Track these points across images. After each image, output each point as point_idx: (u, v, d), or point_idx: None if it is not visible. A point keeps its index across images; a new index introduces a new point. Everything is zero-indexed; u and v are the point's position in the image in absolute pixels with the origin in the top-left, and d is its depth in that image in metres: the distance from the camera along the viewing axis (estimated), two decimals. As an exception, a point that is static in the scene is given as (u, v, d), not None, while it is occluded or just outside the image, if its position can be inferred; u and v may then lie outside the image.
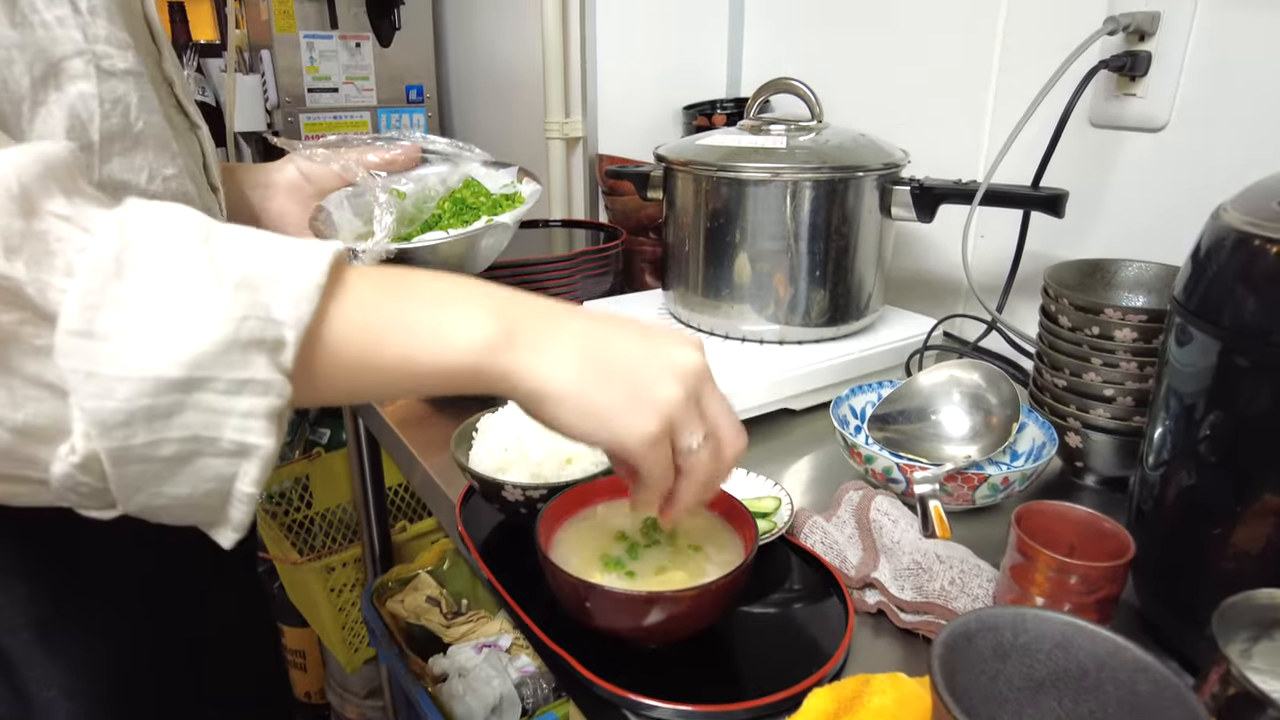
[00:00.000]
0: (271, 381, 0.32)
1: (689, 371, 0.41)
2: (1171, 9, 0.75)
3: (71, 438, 0.31)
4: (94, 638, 0.54)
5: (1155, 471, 0.49)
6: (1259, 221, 0.42)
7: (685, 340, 0.43)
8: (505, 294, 0.39)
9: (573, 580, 0.44)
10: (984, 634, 0.38)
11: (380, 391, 0.38)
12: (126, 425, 0.31)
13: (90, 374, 0.30)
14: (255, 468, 0.33)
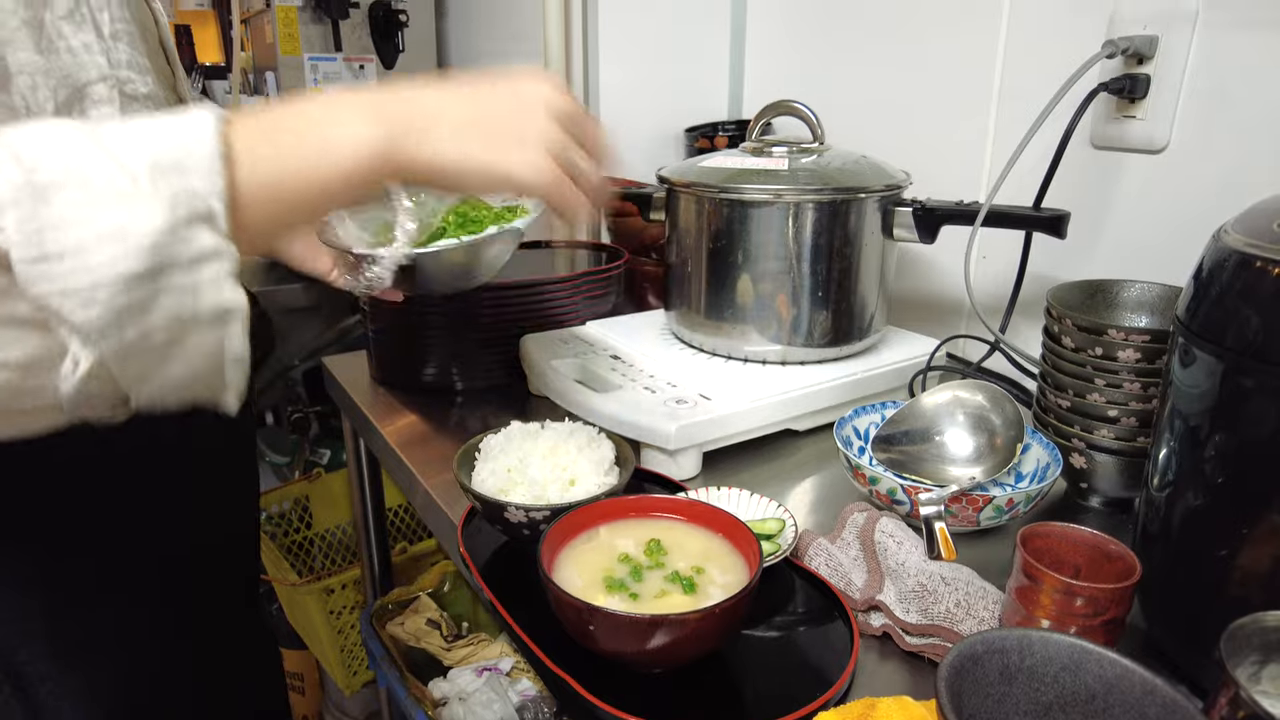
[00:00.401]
0: (219, 247, 0.36)
1: (547, 102, 0.48)
2: (1169, 33, 0.76)
3: (68, 356, 0.34)
4: (102, 671, 0.54)
5: (1160, 493, 0.49)
6: (1260, 243, 0.42)
7: (532, 76, 0.49)
8: (372, 96, 0.44)
9: (576, 603, 0.44)
10: (990, 656, 0.38)
11: (299, 217, 0.42)
12: (117, 325, 0.34)
13: (65, 291, 0.32)
14: (237, 326, 0.37)
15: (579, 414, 0.75)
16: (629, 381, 0.78)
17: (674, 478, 0.69)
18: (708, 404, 0.73)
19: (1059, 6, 0.85)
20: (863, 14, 1.05)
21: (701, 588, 0.48)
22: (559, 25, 1.17)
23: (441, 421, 0.86)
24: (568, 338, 0.90)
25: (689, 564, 0.50)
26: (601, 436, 0.63)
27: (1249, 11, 0.71)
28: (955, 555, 0.54)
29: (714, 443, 0.73)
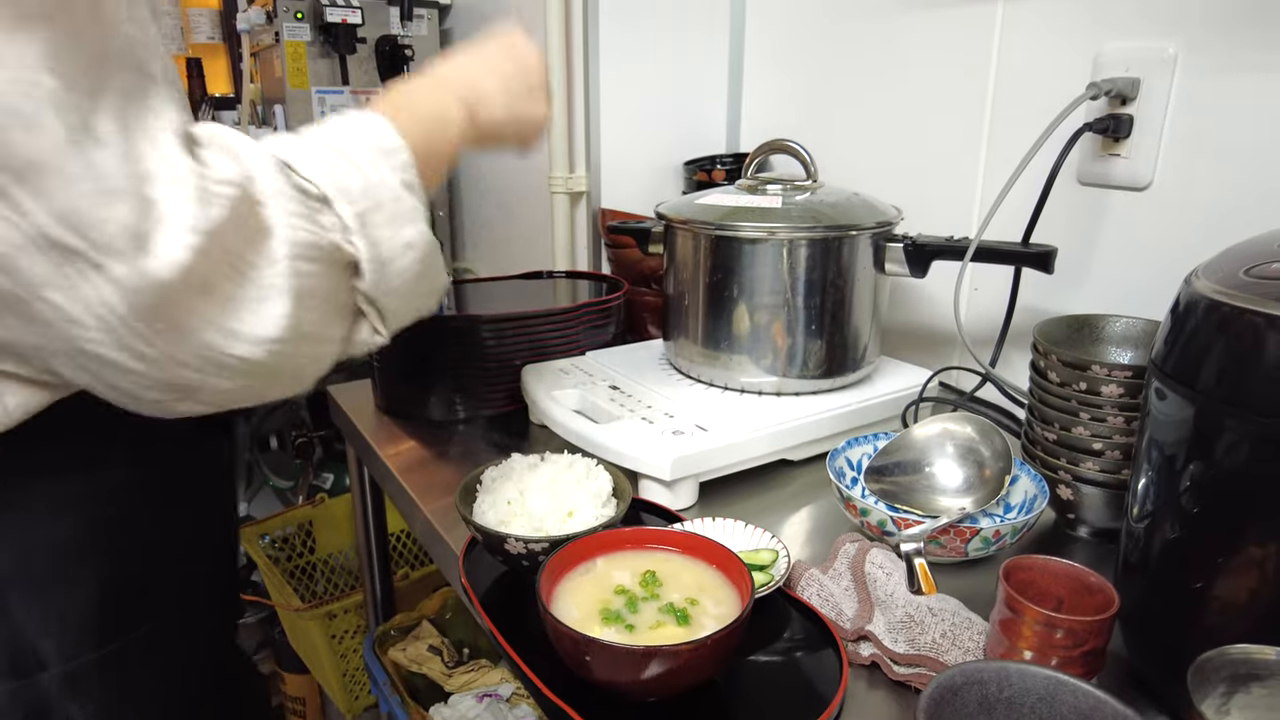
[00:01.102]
0: (419, 205, 0.51)
1: (533, 54, 0.64)
2: (1151, 75, 0.78)
3: (371, 329, 0.51)
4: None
5: (1139, 524, 0.50)
6: (1227, 290, 0.44)
7: (514, 34, 0.64)
8: (448, 76, 0.59)
9: (572, 634, 0.45)
10: (969, 688, 0.39)
11: (431, 185, 0.55)
12: (411, 301, 0.52)
13: (387, 291, 0.49)
14: (439, 251, 0.54)
15: (578, 444, 0.76)
16: (627, 412, 0.79)
17: (671, 508, 0.71)
18: (704, 435, 0.74)
19: (1045, 48, 0.87)
20: (857, 53, 1.08)
21: (695, 619, 0.50)
22: (561, 61, 1.20)
23: (444, 450, 0.88)
24: (568, 368, 0.92)
25: (683, 595, 0.51)
26: (599, 468, 0.65)
27: (1225, 57, 0.74)
28: (935, 590, 0.55)
29: (710, 473, 0.75)
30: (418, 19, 1.46)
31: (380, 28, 1.45)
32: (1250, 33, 0.72)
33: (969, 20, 0.94)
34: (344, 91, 1.44)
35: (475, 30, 1.50)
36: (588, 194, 1.23)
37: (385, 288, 0.49)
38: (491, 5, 1.44)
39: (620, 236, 1.01)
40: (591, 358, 0.96)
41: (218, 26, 1.86)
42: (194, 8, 1.83)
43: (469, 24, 1.53)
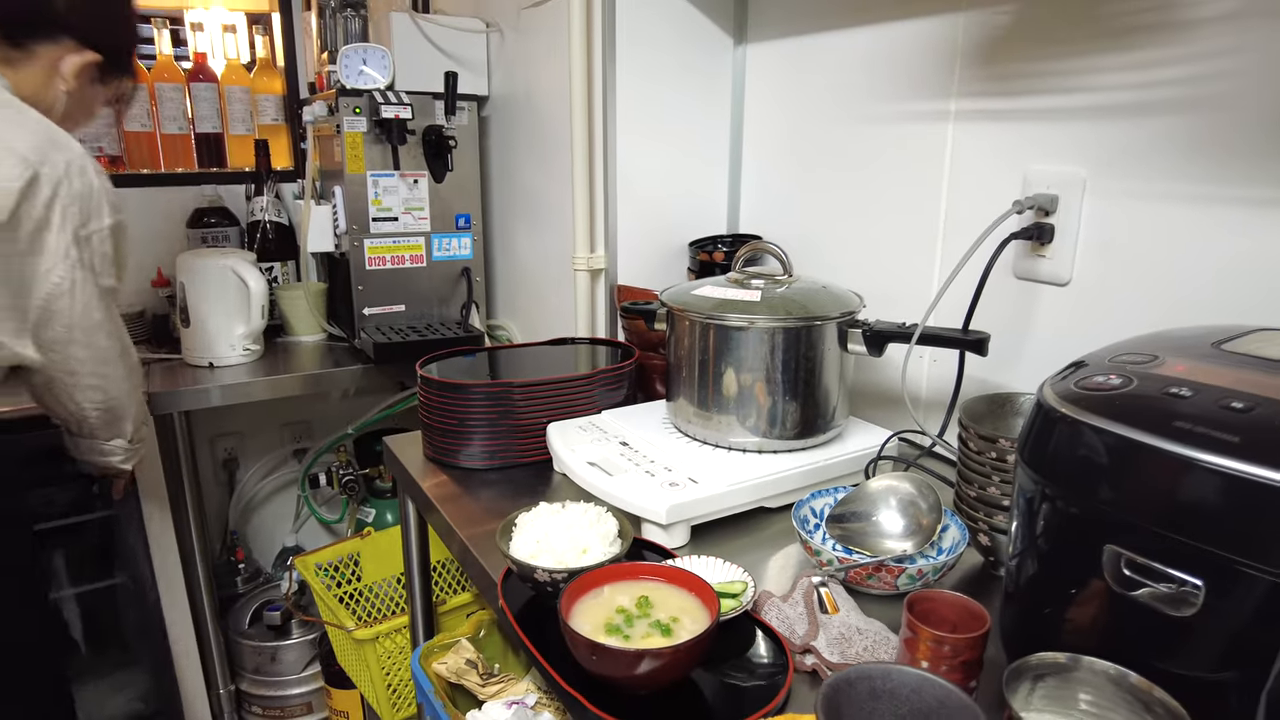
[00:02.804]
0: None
1: None
2: (1066, 194, 0.95)
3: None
4: None
5: (1013, 561, 0.67)
6: (1059, 399, 0.60)
7: None
8: None
9: (584, 641, 0.63)
10: (861, 681, 0.56)
11: None
12: None
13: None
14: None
15: (592, 492, 0.94)
16: (633, 466, 0.97)
17: (667, 546, 0.88)
18: (695, 486, 0.91)
19: (987, 162, 1.04)
20: (834, 156, 1.26)
21: (676, 633, 0.66)
22: (584, 155, 1.40)
23: (480, 492, 1.05)
24: (586, 426, 1.10)
25: (668, 615, 0.68)
26: (608, 515, 0.82)
27: (1122, 183, 0.91)
28: (838, 611, 0.72)
29: (700, 518, 0.92)
30: (460, 111, 1.67)
31: (427, 118, 1.66)
32: (1142, 164, 0.89)
33: (926, 135, 1.11)
34: (395, 175, 1.64)
35: (510, 119, 1.71)
36: (605, 271, 1.42)
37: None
38: (524, 98, 1.64)
39: (631, 319, 1.19)
40: (607, 416, 1.14)
41: (281, 109, 2.09)
42: (262, 94, 2.06)
43: (505, 114, 1.74)
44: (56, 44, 1.09)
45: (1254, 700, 0.51)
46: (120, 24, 1.18)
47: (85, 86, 1.14)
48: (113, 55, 1.16)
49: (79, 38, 1.11)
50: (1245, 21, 0.78)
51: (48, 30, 1.08)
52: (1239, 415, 0.52)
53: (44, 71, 1.10)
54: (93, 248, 1.04)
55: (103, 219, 1.04)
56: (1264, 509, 0.48)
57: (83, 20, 1.11)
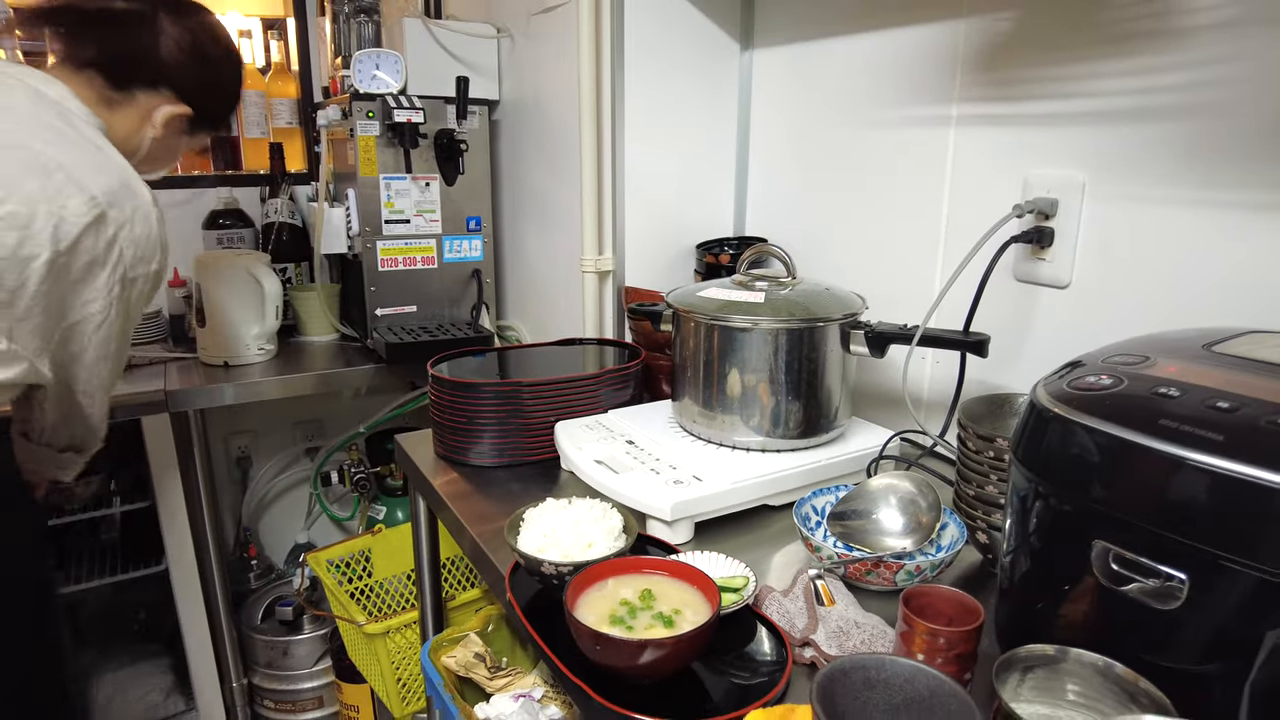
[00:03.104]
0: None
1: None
2: (1066, 197, 0.97)
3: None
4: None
5: (1007, 558, 0.68)
6: (1052, 399, 0.62)
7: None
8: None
9: (589, 632, 0.65)
10: (856, 671, 0.57)
11: None
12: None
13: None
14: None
15: (599, 489, 0.96)
16: (639, 464, 0.99)
17: (671, 542, 0.90)
18: (699, 484, 0.93)
19: (988, 166, 1.06)
20: (839, 159, 1.28)
21: (678, 625, 0.68)
22: (592, 158, 1.42)
23: (489, 489, 1.07)
24: (593, 424, 1.12)
25: (670, 608, 0.70)
26: (613, 511, 0.84)
27: (1121, 188, 0.92)
28: (835, 603, 0.73)
29: (703, 515, 0.94)
30: (471, 115, 1.70)
31: (439, 122, 1.69)
32: (1141, 169, 0.90)
33: (928, 139, 1.13)
34: (407, 178, 1.67)
35: (520, 122, 1.73)
36: (613, 273, 1.44)
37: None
38: (533, 102, 1.67)
39: (638, 321, 1.21)
40: (613, 415, 1.16)
41: (295, 113, 2.12)
42: (276, 98, 2.09)
43: (515, 118, 1.77)
44: (155, 92, 1.14)
45: (1238, 691, 0.52)
46: (219, 87, 1.23)
47: (173, 135, 1.19)
48: (206, 112, 1.20)
49: (177, 90, 1.15)
50: (1242, 29, 0.80)
51: (150, 78, 1.13)
52: (1224, 415, 0.53)
53: (138, 116, 1.13)
54: (136, 289, 1.07)
55: (150, 264, 1.07)
56: (1246, 505, 0.49)
57: (184, 76, 1.15)
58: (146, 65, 1.12)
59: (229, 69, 1.23)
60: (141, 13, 1.12)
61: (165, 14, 1.14)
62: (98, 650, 1.97)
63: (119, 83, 1.11)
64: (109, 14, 1.11)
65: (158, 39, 1.12)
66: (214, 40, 1.19)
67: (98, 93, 1.10)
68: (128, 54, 1.11)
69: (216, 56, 1.19)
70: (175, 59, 1.14)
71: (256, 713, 2.02)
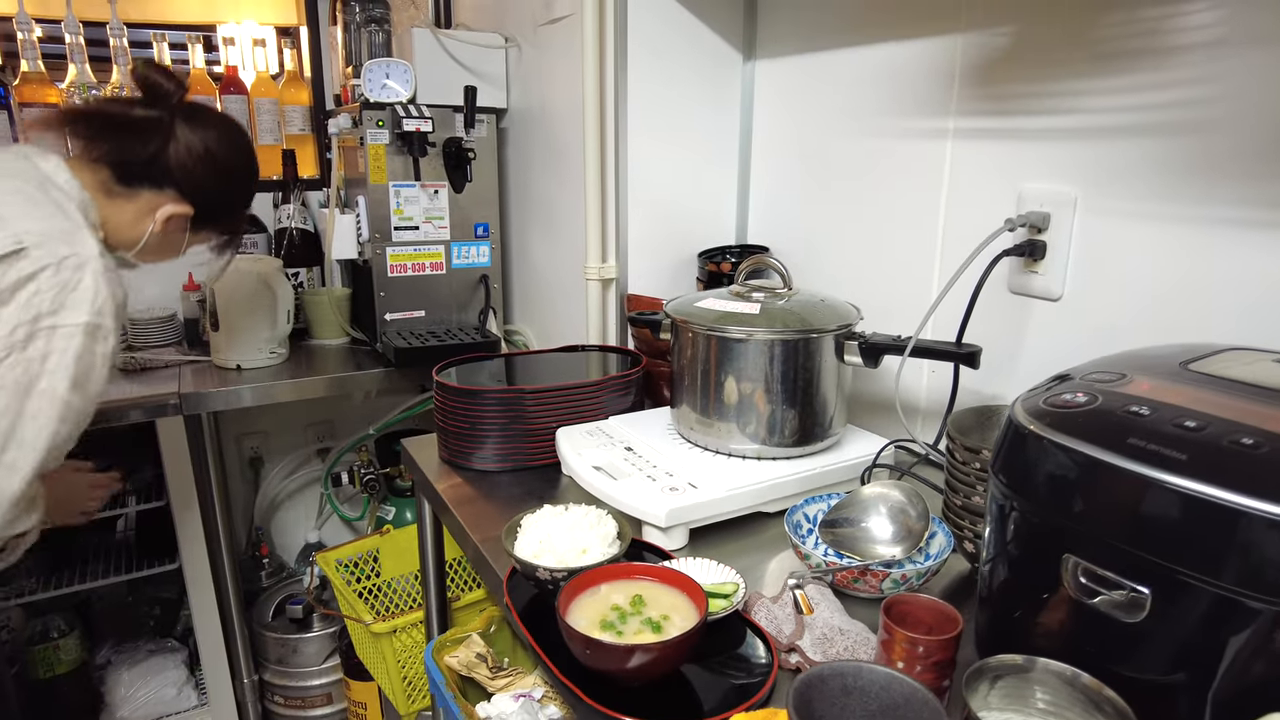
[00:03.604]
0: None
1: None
2: (1058, 212, 0.98)
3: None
4: None
5: (986, 567, 0.70)
6: (1028, 416, 0.64)
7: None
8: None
9: (579, 636, 0.67)
10: (834, 677, 0.60)
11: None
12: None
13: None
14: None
15: (596, 495, 0.98)
16: (636, 470, 1.01)
17: (666, 548, 0.92)
18: (694, 491, 0.96)
19: (984, 178, 1.08)
20: (838, 169, 1.30)
21: (666, 630, 0.71)
22: (596, 167, 1.44)
23: (491, 493, 1.10)
24: (593, 431, 1.14)
25: (659, 613, 0.72)
26: (608, 517, 0.86)
27: (1113, 202, 0.94)
28: (812, 612, 0.75)
29: (698, 522, 0.96)
30: (479, 124, 1.73)
31: (447, 130, 1.72)
32: (1132, 184, 0.91)
33: (926, 152, 1.15)
34: (416, 185, 1.70)
35: (527, 131, 1.76)
36: (616, 280, 1.46)
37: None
38: (539, 110, 1.69)
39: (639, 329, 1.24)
40: (614, 421, 1.18)
41: (308, 120, 2.16)
42: (289, 105, 2.13)
43: (522, 126, 1.79)
44: (160, 191, 1.16)
45: (1202, 701, 0.54)
46: (225, 193, 1.25)
47: (174, 233, 1.21)
48: (209, 214, 1.23)
49: (181, 191, 1.17)
50: (1231, 48, 0.81)
51: (156, 179, 1.15)
52: (1190, 434, 0.55)
53: (140, 211, 1.16)
54: (55, 341, 0.99)
55: (78, 316, 1.00)
56: (1207, 523, 0.51)
57: (190, 179, 1.17)
58: (154, 168, 1.15)
59: (238, 176, 1.25)
60: (159, 120, 1.14)
61: (182, 121, 1.16)
62: (112, 646, 2.02)
63: (125, 180, 1.14)
64: (126, 122, 1.14)
65: (168, 144, 1.15)
66: (227, 148, 1.20)
67: (101, 183, 1.13)
68: (137, 158, 1.14)
69: (226, 163, 1.21)
70: (183, 163, 1.16)
71: (267, 708, 2.06)
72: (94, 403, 1.06)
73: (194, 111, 1.18)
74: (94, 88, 1.89)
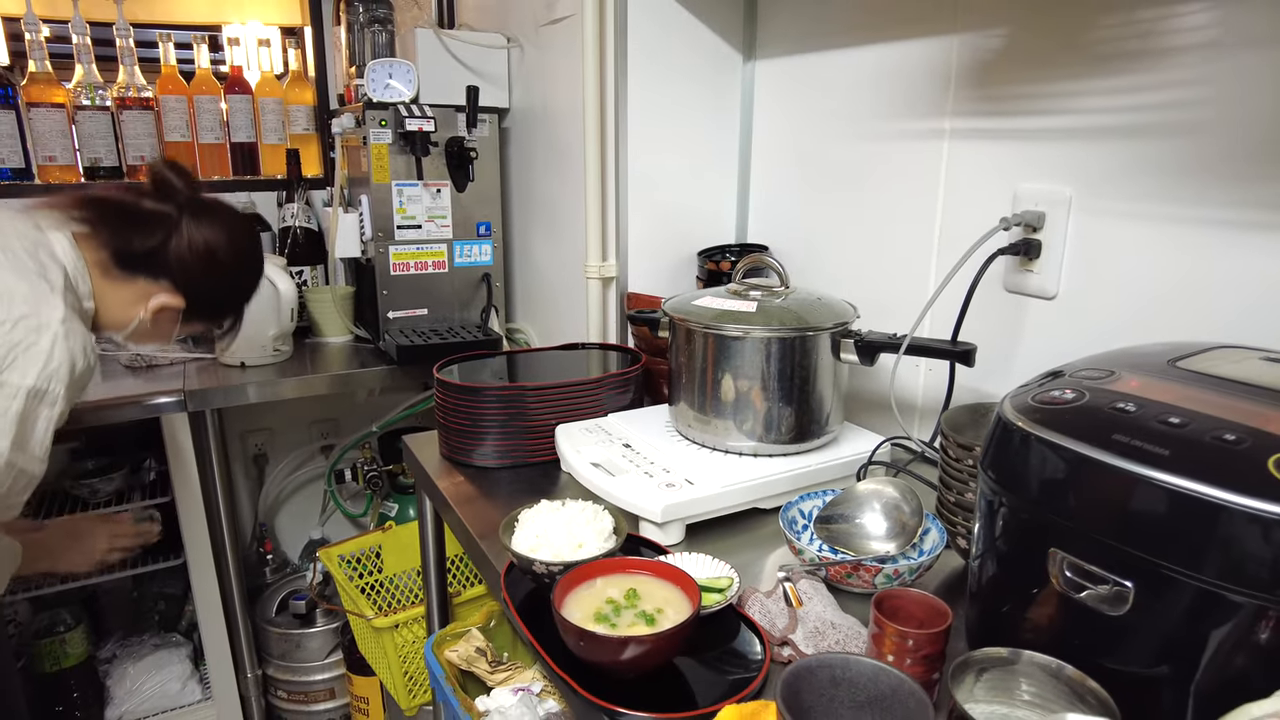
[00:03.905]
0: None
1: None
2: (1053, 210, 0.99)
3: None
4: None
5: (975, 562, 0.71)
6: (1016, 413, 0.65)
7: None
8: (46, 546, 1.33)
9: (574, 628, 0.68)
10: (822, 669, 0.60)
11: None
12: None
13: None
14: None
15: (594, 491, 0.99)
16: (634, 467, 1.02)
17: (662, 543, 0.93)
18: (691, 487, 0.97)
19: (981, 178, 1.08)
20: (836, 169, 1.31)
21: (659, 623, 0.72)
22: (596, 166, 1.45)
23: (491, 489, 1.11)
24: (592, 428, 1.15)
25: (653, 606, 0.73)
26: (605, 513, 0.87)
27: (1107, 202, 0.94)
28: (802, 605, 0.76)
29: (694, 517, 0.97)
30: (481, 123, 1.74)
31: (450, 130, 1.73)
32: (1126, 184, 0.92)
33: (923, 151, 1.15)
34: (418, 184, 1.72)
35: (529, 130, 1.77)
36: (616, 279, 1.47)
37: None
38: (541, 110, 1.70)
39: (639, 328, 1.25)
40: (613, 419, 1.19)
41: (312, 119, 2.17)
42: (294, 104, 2.14)
43: (524, 125, 1.81)
44: (155, 281, 1.16)
45: (1185, 693, 0.55)
46: (220, 292, 1.25)
47: (164, 323, 1.21)
48: (200, 309, 1.23)
49: (176, 284, 1.17)
50: (1224, 50, 0.82)
51: (153, 270, 1.16)
52: (1173, 430, 0.56)
53: (134, 297, 1.16)
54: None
55: (24, 377, 0.98)
56: (1188, 518, 0.52)
57: (186, 274, 1.17)
58: (153, 259, 1.15)
59: (236, 276, 1.26)
60: (166, 215, 1.15)
61: (190, 217, 1.16)
62: (118, 640, 2.03)
63: (122, 265, 1.14)
64: (135, 213, 1.14)
65: (170, 238, 1.15)
66: (229, 248, 1.20)
67: (100, 262, 1.13)
68: (140, 249, 1.14)
69: (225, 263, 1.21)
70: (182, 258, 1.16)
71: (270, 703, 2.07)
72: (41, 463, 1.04)
73: (204, 208, 1.19)
74: (100, 88, 1.91)
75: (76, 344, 1.03)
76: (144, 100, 1.97)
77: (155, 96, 1.99)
